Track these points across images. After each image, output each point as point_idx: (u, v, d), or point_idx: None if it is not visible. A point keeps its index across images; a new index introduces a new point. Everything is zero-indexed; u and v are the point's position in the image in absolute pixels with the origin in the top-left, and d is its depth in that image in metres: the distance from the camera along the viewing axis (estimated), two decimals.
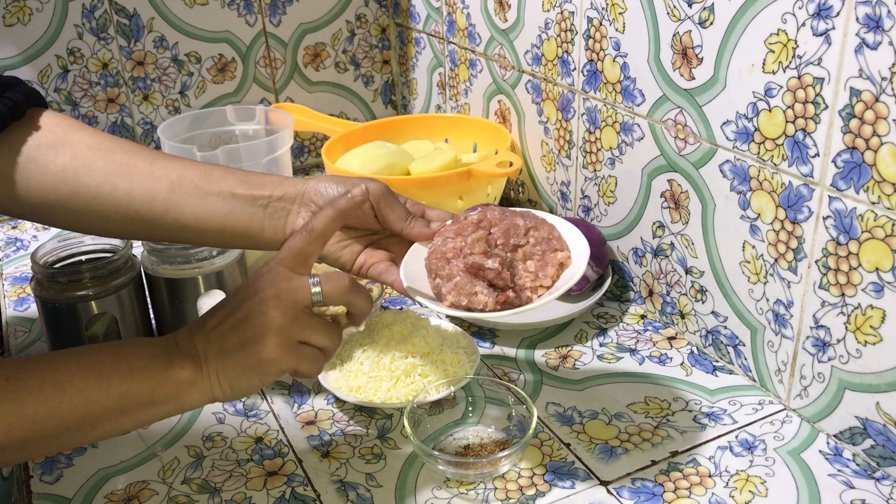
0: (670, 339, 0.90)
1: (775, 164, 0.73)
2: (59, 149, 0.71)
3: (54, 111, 0.75)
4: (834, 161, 0.67)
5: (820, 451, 0.72)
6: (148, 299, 0.87)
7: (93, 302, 0.82)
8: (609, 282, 0.95)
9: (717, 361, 0.85)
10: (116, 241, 0.87)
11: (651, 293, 0.94)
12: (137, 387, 0.59)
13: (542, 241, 0.69)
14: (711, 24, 0.76)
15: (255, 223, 0.71)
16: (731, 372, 0.83)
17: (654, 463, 0.72)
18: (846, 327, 0.70)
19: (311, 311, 0.63)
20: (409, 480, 0.71)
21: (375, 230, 0.74)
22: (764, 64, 0.71)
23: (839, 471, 0.70)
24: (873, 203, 0.65)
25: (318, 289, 0.63)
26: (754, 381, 0.82)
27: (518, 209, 0.73)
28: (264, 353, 0.61)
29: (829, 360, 0.72)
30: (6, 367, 0.58)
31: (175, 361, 0.61)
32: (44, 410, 0.56)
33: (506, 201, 1.19)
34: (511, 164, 1.02)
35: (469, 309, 0.66)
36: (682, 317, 0.88)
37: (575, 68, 0.97)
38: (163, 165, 0.72)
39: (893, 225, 0.63)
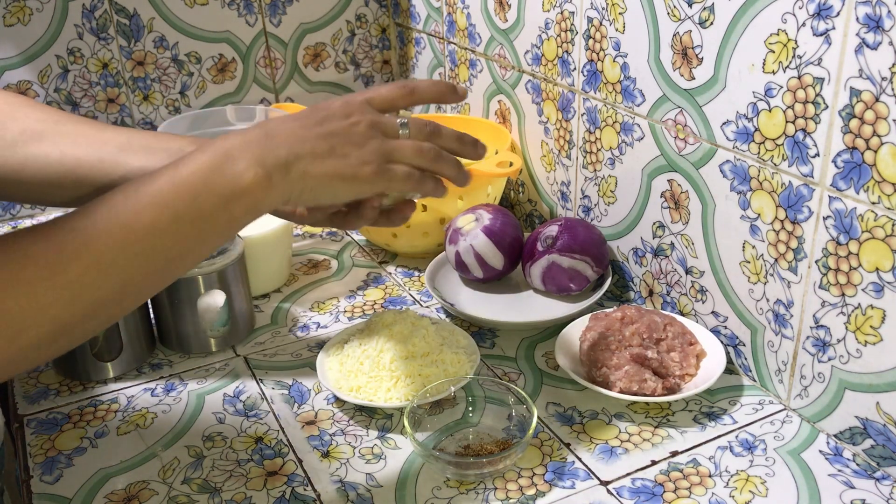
0: None
1: (775, 164, 0.73)
2: (6, 125, 0.72)
3: (3, 90, 0.76)
4: (834, 161, 0.67)
5: (820, 451, 0.72)
6: (148, 299, 0.87)
7: None
8: (609, 282, 0.95)
9: None
10: None
11: (651, 293, 0.94)
12: (210, 209, 0.56)
13: (678, 335, 0.81)
14: (711, 24, 0.76)
15: None
16: (731, 372, 0.83)
17: (654, 463, 0.72)
18: (846, 327, 0.70)
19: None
20: (409, 480, 0.71)
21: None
22: (764, 64, 0.71)
23: (839, 471, 0.70)
24: (873, 203, 0.65)
25: (405, 128, 0.64)
26: (754, 380, 0.82)
27: (645, 307, 0.87)
28: (360, 169, 0.60)
29: (830, 360, 0.72)
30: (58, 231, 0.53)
31: (245, 168, 0.57)
32: (122, 257, 0.53)
33: (505, 201, 1.19)
34: (511, 164, 1.02)
35: (638, 394, 0.76)
36: (682, 317, 0.88)
37: (575, 68, 0.97)
38: (112, 131, 0.72)
39: (893, 225, 0.63)
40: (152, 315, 0.89)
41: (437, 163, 0.64)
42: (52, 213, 1.27)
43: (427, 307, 0.98)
